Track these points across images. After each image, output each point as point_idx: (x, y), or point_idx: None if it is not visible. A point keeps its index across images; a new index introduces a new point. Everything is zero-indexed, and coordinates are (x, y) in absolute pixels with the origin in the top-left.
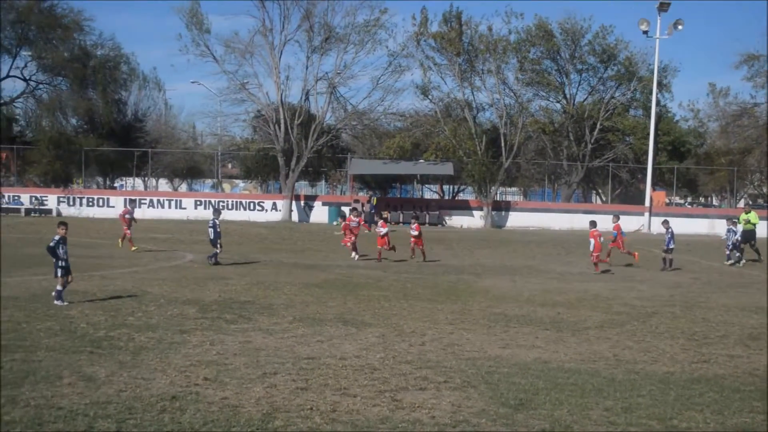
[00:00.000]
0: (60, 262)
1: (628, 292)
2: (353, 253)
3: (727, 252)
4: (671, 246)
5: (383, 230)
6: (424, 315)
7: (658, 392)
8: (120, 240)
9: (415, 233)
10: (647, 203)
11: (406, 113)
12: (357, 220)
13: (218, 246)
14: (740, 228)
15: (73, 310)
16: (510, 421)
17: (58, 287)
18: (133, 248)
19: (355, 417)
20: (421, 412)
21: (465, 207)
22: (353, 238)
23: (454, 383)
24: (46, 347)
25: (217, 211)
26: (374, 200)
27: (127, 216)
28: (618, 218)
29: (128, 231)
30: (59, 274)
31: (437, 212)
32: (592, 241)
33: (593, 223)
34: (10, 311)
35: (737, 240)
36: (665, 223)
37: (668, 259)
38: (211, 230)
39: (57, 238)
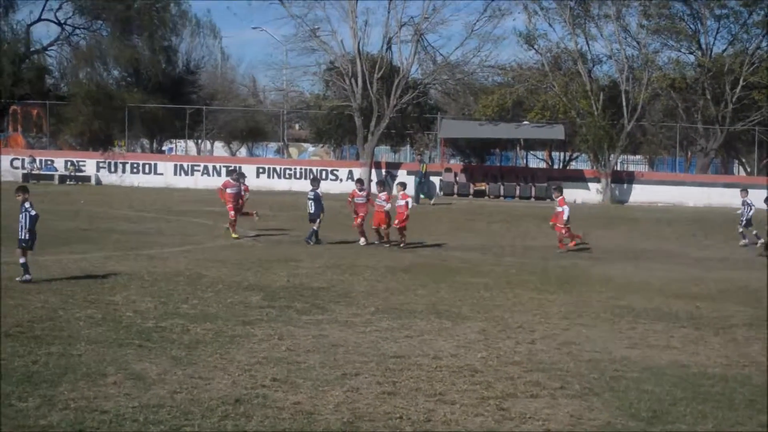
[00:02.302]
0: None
1: None
2: (361, 239)
3: (740, 229)
4: (747, 218)
5: (387, 204)
6: (532, 307)
7: None
8: (229, 227)
9: (402, 203)
10: None
11: (506, 66)
12: (363, 194)
13: (318, 222)
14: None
15: (117, 296)
16: None
17: (22, 259)
18: (234, 235)
19: (454, 428)
20: (533, 424)
21: (578, 178)
22: (360, 219)
23: (572, 390)
24: (87, 339)
25: (316, 181)
26: (424, 167)
27: (229, 191)
28: (746, 192)
29: (233, 213)
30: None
31: (545, 184)
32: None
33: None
34: (45, 296)
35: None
36: (743, 192)
37: (747, 234)
38: (311, 203)
39: (28, 205)
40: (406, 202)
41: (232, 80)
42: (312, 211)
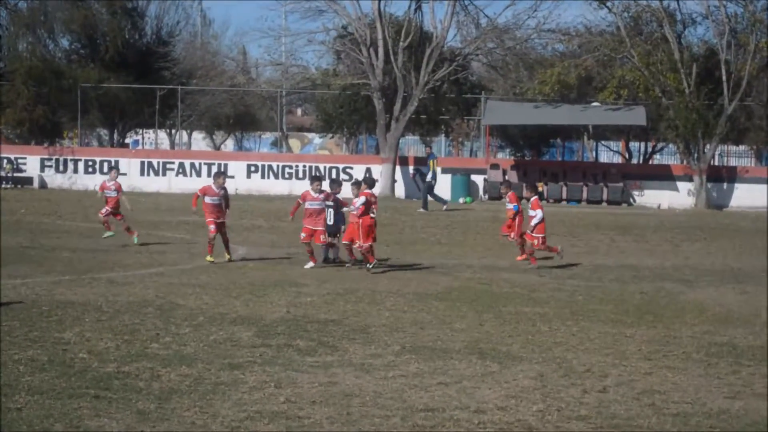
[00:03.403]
0: None
1: None
2: (309, 261)
3: None
4: None
5: (361, 198)
6: (604, 344)
7: None
8: (104, 225)
9: (361, 198)
10: None
11: (571, 30)
12: (319, 197)
13: (337, 236)
14: None
15: (67, 332)
16: None
17: None
18: (209, 258)
19: None
20: None
21: (664, 176)
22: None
23: None
24: (29, 388)
25: (336, 183)
26: (433, 163)
27: (108, 193)
28: None
29: (214, 228)
30: None
31: (620, 184)
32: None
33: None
34: None
35: None
36: None
37: None
38: (329, 211)
39: None
40: (364, 202)
41: (215, 52)
42: (330, 223)
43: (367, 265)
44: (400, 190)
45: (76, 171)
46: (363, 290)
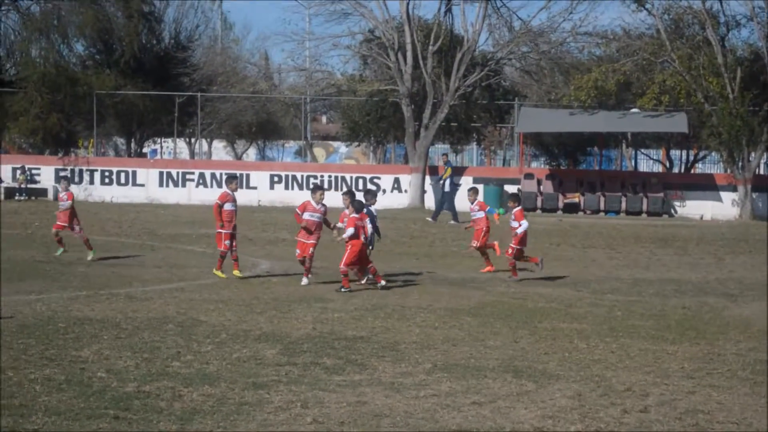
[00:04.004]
0: None
1: None
2: (304, 277)
3: None
4: None
5: (349, 229)
6: (644, 362)
7: None
8: (57, 241)
9: (348, 230)
10: None
11: (608, 33)
12: (321, 209)
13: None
14: None
15: (85, 350)
16: None
17: None
18: (218, 274)
19: None
20: None
21: (707, 185)
22: (310, 247)
23: None
24: (46, 409)
25: (370, 194)
26: (448, 171)
27: (61, 205)
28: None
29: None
30: None
31: (661, 194)
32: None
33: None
34: None
35: None
36: None
37: None
38: (367, 224)
39: None
40: (352, 234)
41: (236, 57)
42: (369, 234)
43: (342, 288)
44: (429, 201)
45: (92, 182)
46: (392, 306)
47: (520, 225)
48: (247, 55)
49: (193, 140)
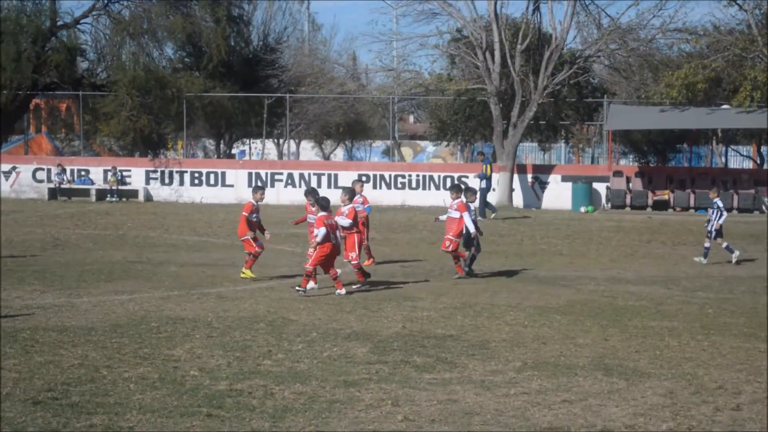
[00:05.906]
0: None
1: None
2: (310, 282)
3: (707, 243)
4: (712, 227)
5: (346, 222)
6: (737, 360)
7: None
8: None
9: (346, 224)
10: None
11: (698, 29)
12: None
13: (474, 246)
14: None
15: (177, 349)
16: None
17: None
18: (247, 274)
19: None
20: None
21: None
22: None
23: None
24: (140, 407)
25: (471, 192)
26: (487, 168)
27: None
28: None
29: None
30: None
31: (752, 190)
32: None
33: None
34: (83, 349)
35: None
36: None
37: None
38: (471, 224)
39: None
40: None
41: (324, 59)
42: (471, 230)
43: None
44: (518, 199)
45: (182, 183)
46: (481, 304)
47: (461, 216)
48: (335, 56)
49: (281, 141)
